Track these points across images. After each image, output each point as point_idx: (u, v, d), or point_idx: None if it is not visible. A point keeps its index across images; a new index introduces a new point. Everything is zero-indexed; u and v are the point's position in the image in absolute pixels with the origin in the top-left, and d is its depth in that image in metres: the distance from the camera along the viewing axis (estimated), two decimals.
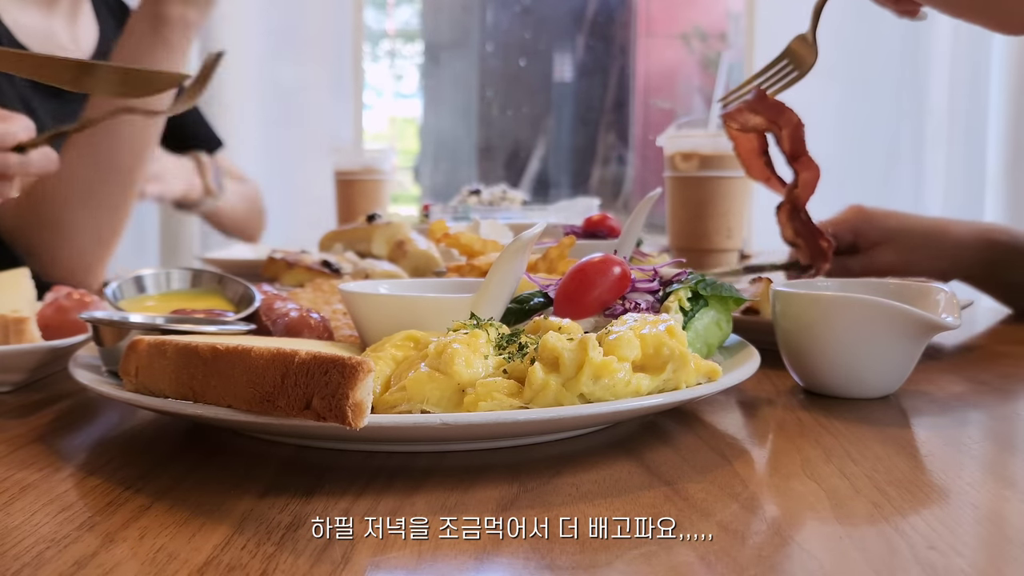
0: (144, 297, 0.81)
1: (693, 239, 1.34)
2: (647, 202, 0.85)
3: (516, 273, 0.69)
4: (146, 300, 0.81)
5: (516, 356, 0.58)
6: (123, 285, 0.80)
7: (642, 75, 3.79)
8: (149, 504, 0.49)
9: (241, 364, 0.50)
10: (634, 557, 0.42)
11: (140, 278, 0.81)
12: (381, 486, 0.52)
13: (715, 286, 0.72)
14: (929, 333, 0.70)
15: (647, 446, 0.60)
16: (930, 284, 0.78)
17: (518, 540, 0.44)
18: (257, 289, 0.80)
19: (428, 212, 1.75)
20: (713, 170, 1.31)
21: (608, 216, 1.25)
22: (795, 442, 0.61)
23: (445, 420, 0.51)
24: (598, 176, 3.76)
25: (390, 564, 0.42)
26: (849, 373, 0.71)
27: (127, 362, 0.59)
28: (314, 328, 0.75)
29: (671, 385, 0.59)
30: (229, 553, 0.43)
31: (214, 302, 0.81)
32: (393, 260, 1.20)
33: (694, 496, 0.50)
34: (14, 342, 0.74)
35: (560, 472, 0.54)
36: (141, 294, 0.81)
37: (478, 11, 3.85)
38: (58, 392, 0.75)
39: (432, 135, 3.92)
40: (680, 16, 3.88)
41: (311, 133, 2.60)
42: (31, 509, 0.49)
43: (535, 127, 3.84)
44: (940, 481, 0.53)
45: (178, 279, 0.83)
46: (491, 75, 3.86)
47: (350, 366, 0.46)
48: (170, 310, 0.77)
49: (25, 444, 0.61)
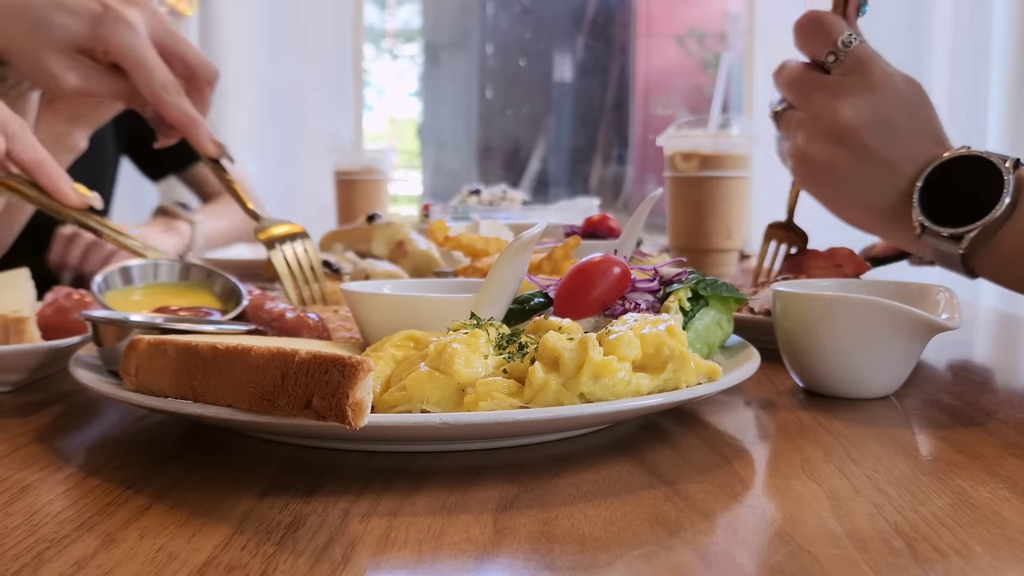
0: (130, 289, 0.79)
1: (693, 239, 1.34)
2: (648, 202, 0.85)
3: (518, 273, 0.69)
4: (132, 292, 0.79)
5: (516, 356, 0.58)
6: (109, 276, 0.78)
7: (642, 75, 3.79)
8: (149, 504, 0.49)
9: (241, 364, 0.50)
10: (634, 557, 0.42)
11: (127, 269, 0.80)
12: (381, 486, 0.52)
13: (715, 286, 0.72)
14: (929, 333, 0.70)
15: (647, 446, 0.60)
16: (930, 284, 0.78)
17: (518, 540, 0.44)
18: (247, 291, 0.79)
19: (428, 212, 1.75)
20: (713, 170, 1.31)
21: (608, 216, 1.26)
22: (795, 442, 0.61)
23: (445, 420, 0.51)
24: (598, 176, 3.76)
25: (390, 564, 0.42)
26: (849, 373, 0.71)
27: (127, 362, 0.59)
28: (313, 328, 0.75)
29: (671, 385, 0.59)
30: (229, 553, 0.43)
31: (201, 297, 0.80)
32: (393, 260, 1.20)
33: (694, 496, 0.50)
34: (14, 342, 0.74)
35: (560, 472, 0.54)
36: (128, 285, 0.80)
37: (478, 11, 3.85)
38: (58, 392, 0.75)
39: (432, 135, 3.92)
40: (680, 16, 3.88)
41: (311, 133, 2.60)
42: (31, 509, 0.49)
43: (535, 127, 3.84)
44: (940, 481, 0.53)
45: (166, 271, 0.82)
46: (491, 75, 3.86)
47: (350, 366, 0.46)
48: (155, 303, 0.76)
49: (25, 444, 0.61)
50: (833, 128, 0.83)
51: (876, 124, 0.82)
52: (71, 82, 0.89)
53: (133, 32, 0.89)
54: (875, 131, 0.82)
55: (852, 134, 0.82)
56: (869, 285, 0.81)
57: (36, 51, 0.88)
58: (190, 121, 0.93)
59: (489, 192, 1.89)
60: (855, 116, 0.82)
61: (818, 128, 0.84)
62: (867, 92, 0.83)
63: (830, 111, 0.83)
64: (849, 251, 0.95)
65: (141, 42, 0.89)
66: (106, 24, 0.88)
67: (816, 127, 0.84)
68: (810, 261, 0.96)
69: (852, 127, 0.82)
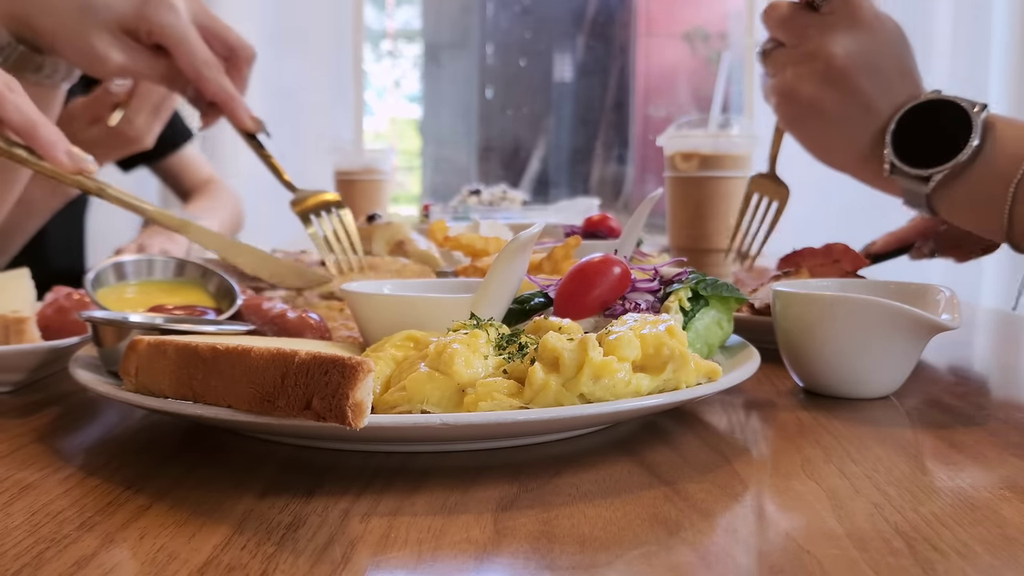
0: (124, 285, 0.79)
1: (693, 239, 1.34)
2: (648, 202, 0.85)
3: (517, 273, 0.69)
4: (125, 289, 0.79)
5: (516, 356, 0.58)
6: (102, 273, 0.78)
7: (642, 75, 3.79)
8: (149, 504, 0.49)
9: (241, 364, 0.50)
10: (634, 557, 0.42)
11: (121, 265, 0.80)
12: (381, 486, 0.52)
13: (716, 286, 0.72)
14: (929, 333, 0.70)
15: (647, 446, 0.60)
16: (930, 284, 0.78)
17: (518, 540, 0.44)
18: (240, 291, 0.79)
19: (428, 212, 1.75)
20: (713, 170, 1.31)
21: (608, 216, 1.25)
22: (795, 442, 0.61)
23: (445, 420, 0.51)
24: (598, 176, 3.76)
25: (390, 564, 0.42)
26: (849, 373, 0.71)
27: (127, 362, 0.59)
28: (315, 328, 0.75)
29: (671, 385, 0.59)
30: (229, 553, 0.43)
31: (195, 294, 0.80)
32: None
33: (694, 496, 0.50)
34: (14, 342, 0.74)
35: (560, 472, 0.54)
36: (121, 281, 0.79)
37: (478, 11, 3.85)
38: (58, 392, 0.75)
39: (432, 135, 3.92)
40: (680, 16, 3.88)
41: (311, 133, 2.60)
42: (31, 509, 0.49)
43: (535, 127, 3.84)
44: (940, 481, 0.53)
45: (160, 268, 0.82)
46: (491, 75, 3.86)
47: (350, 366, 0.46)
48: (149, 301, 0.76)
49: (25, 444, 0.61)
50: (825, 67, 0.85)
51: (864, 65, 0.85)
52: (116, 60, 0.92)
53: (175, 13, 0.92)
54: (863, 72, 0.85)
55: (842, 74, 0.85)
56: (869, 285, 0.81)
57: (84, 31, 0.91)
58: (228, 97, 0.96)
59: (489, 192, 1.89)
60: (846, 56, 0.85)
61: (809, 67, 0.86)
62: (857, 32, 0.86)
63: (824, 51, 0.85)
64: (845, 246, 0.95)
65: (183, 23, 0.93)
66: (151, 5, 0.92)
67: (807, 65, 0.87)
68: (807, 258, 0.96)
69: (843, 67, 0.85)
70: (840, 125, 0.87)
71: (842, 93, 0.85)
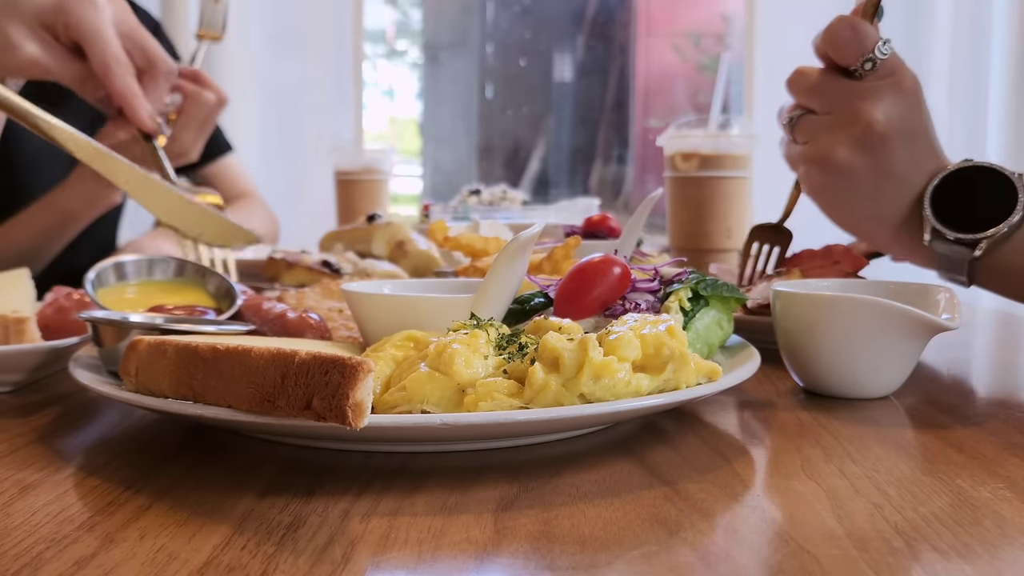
0: (124, 285, 0.79)
1: (693, 239, 1.34)
2: (648, 202, 0.85)
3: (517, 273, 0.69)
4: (126, 289, 0.79)
5: (516, 356, 0.58)
6: (102, 273, 0.78)
7: (642, 75, 3.79)
8: (149, 504, 0.49)
9: (241, 364, 0.50)
10: (634, 557, 0.42)
11: (121, 265, 0.80)
12: (381, 486, 0.52)
13: (716, 286, 0.72)
14: (929, 333, 0.70)
15: (647, 446, 0.60)
16: (930, 284, 0.78)
17: (518, 540, 0.44)
18: (242, 291, 0.79)
19: (428, 212, 1.75)
20: (713, 170, 1.31)
21: (608, 216, 1.25)
22: (795, 442, 0.61)
23: (445, 420, 0.51)
24: (598, 176, 3.76)
25: (390, 564, 0.42)
26: (849, 373, 0.71)
27: (127, 362, 0.59)
28: (316, 328, 0.75)
29: (671, 385, 0.59)
30: (229, 553, 0.43)
31: (194, 295, 0.80)
32: (393, 260, 1.20)
33: (694, 496, 0.50)
34: (14, 342, 0.74)
35: (560, 472, 0.54)
36: (121, 281, 0.79)
37: (478, 11, 3.85)
38: (58, 392, 0.75)
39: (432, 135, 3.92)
40: (680, 16, 3.88)
41: (311, 133, 2.60)
42: (31, 509, 0.49)
43: (535, 127, 3.84)
44: (940, 481, 0.53)
45: (161, 268, 0.82)
46: (491, 75, 3.86)
47: (350, 366, 0.46)
48: (149, 301, 0.76)
49: (25, 444, 0.61)
50: (864, 133, 0.82)
51: (902, 132, 0.83)
52: (29, 52, 0.93)
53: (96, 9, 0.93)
54: (901, 139, 0.83)
55: (881, 139, 0.82)
56: (869, 285, 0.81)
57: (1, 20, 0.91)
58: (131, 94, 0.96)
59: (489, 192, 1.89)
60: (887, 122, 0.82)
61: (846, 132, 0.83)
62: (900, 98, 0.83)
63: (864, 116, 0.82)
64: (845, 248, 0.95)
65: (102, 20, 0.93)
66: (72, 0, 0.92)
67: (844, 131, 0.83)
68: (806, 261, 0.95)
69: (883, 133, 0.82)
70: (872, 193, 0.84)
71: (878, 159, 0.83)
